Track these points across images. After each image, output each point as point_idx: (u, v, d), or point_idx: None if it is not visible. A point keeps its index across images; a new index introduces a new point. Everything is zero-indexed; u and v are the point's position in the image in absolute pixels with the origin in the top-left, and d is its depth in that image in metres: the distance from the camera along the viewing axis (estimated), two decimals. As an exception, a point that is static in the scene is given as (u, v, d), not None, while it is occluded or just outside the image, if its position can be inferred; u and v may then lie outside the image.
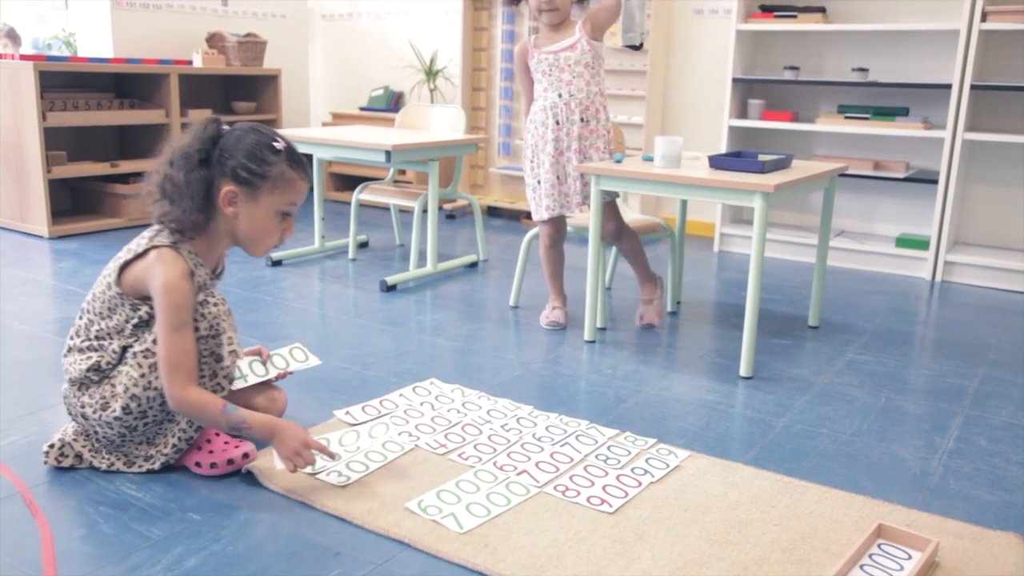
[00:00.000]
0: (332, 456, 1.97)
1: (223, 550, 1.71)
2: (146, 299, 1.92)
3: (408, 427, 2.30)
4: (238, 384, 2.09)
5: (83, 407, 1.96)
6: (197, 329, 1.93)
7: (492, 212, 5.97)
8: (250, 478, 2.00)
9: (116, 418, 1.93)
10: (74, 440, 2.01)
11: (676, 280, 3.57)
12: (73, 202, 5.16)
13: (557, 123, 3.08)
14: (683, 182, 2.80)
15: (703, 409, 2.53)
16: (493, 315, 3.49)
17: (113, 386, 1.94)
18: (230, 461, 2.00)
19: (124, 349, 1.95)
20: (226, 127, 1.96)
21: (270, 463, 2.03)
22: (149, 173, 1.97)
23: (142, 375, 1.92)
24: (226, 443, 2.01)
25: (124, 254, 1.97)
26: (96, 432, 1.99)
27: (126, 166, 5.00)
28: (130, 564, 1.66)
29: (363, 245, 4.66)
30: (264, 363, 2.19)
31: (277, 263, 4.20)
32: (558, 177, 3.12)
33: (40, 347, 2.91)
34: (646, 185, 2.91)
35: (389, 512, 1.85)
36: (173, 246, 1.91)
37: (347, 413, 2.36)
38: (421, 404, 2.46)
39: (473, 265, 4.34)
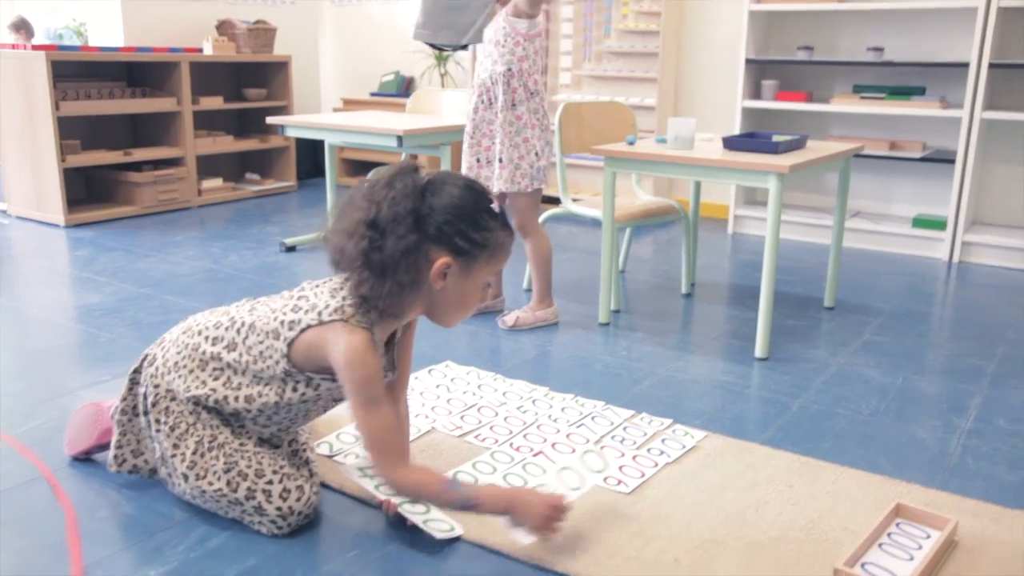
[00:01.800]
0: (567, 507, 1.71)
1: (245, 530, 1.74)
2: (318, 372, 1.69)
3: (424, 409, 2.32)
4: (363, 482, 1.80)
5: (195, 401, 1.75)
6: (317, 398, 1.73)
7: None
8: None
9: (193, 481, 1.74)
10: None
11: (690, 262, 3.57)
12: (88, 191, 5.19)
13: (474, 106, 3.01)
14: (697, 163, 2.79)
15: (719, 390, 2.53)
16: (507, 296, 3.50)
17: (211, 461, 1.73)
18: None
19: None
20: (424, 174, 1.68)
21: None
22: (338, 228, 1.65)
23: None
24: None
25: (302, 310, 1.68)
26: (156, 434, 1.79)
27: (139, 154, 5.03)
28: (153, 544, 1.69)
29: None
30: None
31: (291, 249, 4.22)
32: (477, 160, 3.01)
33: (60, 335, 2.94)
34: (659, 167, 2.90)
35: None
36: (366, 328, 1.64)
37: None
38: (436, 386, 2.48)
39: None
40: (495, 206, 1.70)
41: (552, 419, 2.28)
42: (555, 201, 5.37)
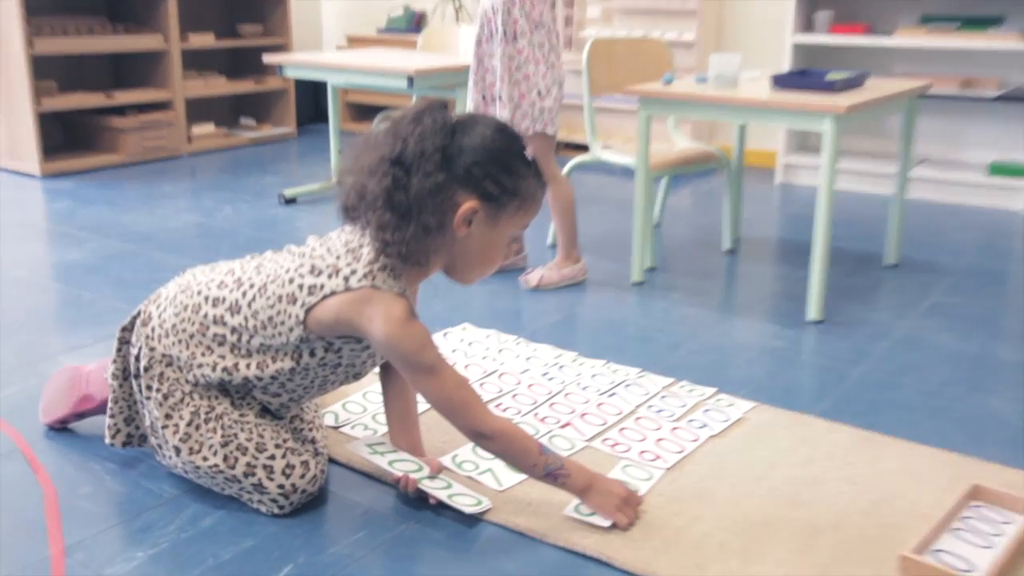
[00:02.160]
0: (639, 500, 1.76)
1: (242, 508, 1.72)
2: (338, 338, 1.67)
3: (440, 377, 2.31)
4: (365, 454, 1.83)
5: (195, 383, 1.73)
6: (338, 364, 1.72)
7: (526, 144, 5.90)
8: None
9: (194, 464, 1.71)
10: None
11: (734, 215, 3.53)
12: (66, 137, 5.19)
13: (477, 38, 2.94)
14: (741, 104, 2.75)
15: (768, 356, 2.50)
16: (530, 254, 3.47)
17: (226, 435, 1.72)
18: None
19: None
20: (453, 113, 1.66)
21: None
22: (357, 167, 1.65)
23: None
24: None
25: (323, 273, 1.64)
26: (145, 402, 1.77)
27: (122, 97, 5.01)
28: (141, 524, 1.68)
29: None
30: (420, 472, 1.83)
31: (291, 201, 4.19)
32: (483, 97, 2.96)
33: (37, 295, 2.94)
34: (699, 109, 2.86)
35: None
36: (399, 293, 1.61)
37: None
38: (453, 351, 2.46)
39: (507, 202, 4.31)
40: (529, 153, 1.68)
41: (581, 387, 2.25)
42: (583, 148, 5.31)
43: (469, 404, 1.64)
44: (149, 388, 1.74)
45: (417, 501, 1.75)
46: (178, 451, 1.71)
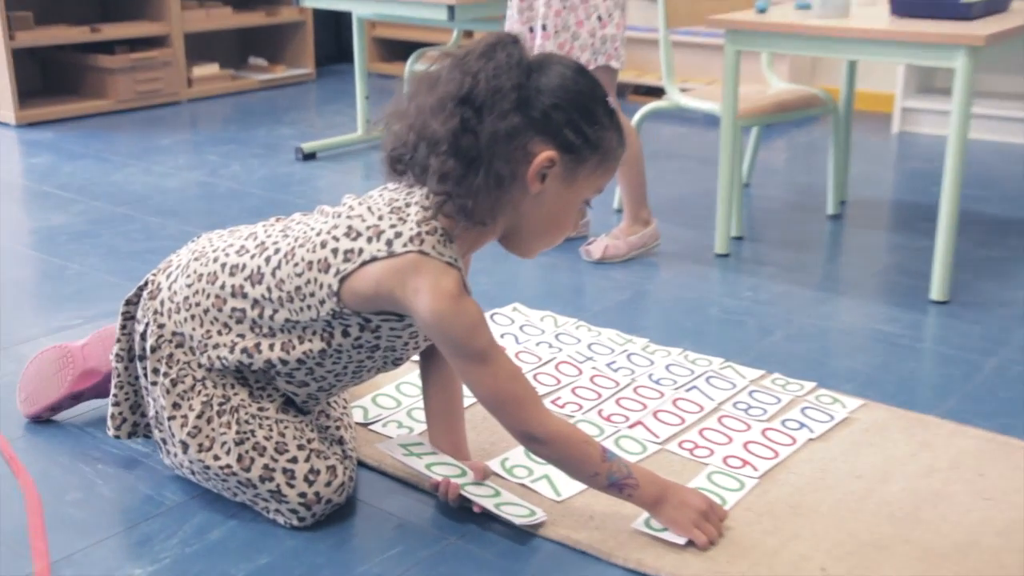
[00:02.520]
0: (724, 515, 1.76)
1: (256, 519, 1.76)
2: (377, 314, 1.68)
3: (486, 366, 2.33)
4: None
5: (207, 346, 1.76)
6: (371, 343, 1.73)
7: (588, 86, 5.89)
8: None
9: (204, 464, 1.74)
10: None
11: (840, 172, 3.50)
12: (45, 79, 5.27)
13: None
14: (852, 36, 2.73)
15: (880, 344, 2.49)
16: (593, 221, 3.47)
17: (241, 425, 1.75)
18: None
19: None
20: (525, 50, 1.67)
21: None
22: (408, 110, 1.66)
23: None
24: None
25: (362, 236, 1.64)
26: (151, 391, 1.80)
27: (110, 31, 5.07)
28: (138, 536, 1.72)
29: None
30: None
31: (310, 156, 4.23)
32: (531, 30, 2.95)
33: (14, 266, 3.01)
34: (800, 42, 2.84)
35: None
36: (451, 263, 1.61)
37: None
38: (502, 336, 2.48)
39: (565, 156, 4.31)
40: (612, 102, 1.69)
41: (654, 380, 2.26)
42: (656, 92, 5.28)
43: (523, 401, 1.65)
44: (156, 372, 1.77)
45: (460, 512, 1.77)
46: (185, 447, 1.74)
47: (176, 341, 1.77)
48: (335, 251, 1.65)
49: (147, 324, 1.80)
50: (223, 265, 1.76)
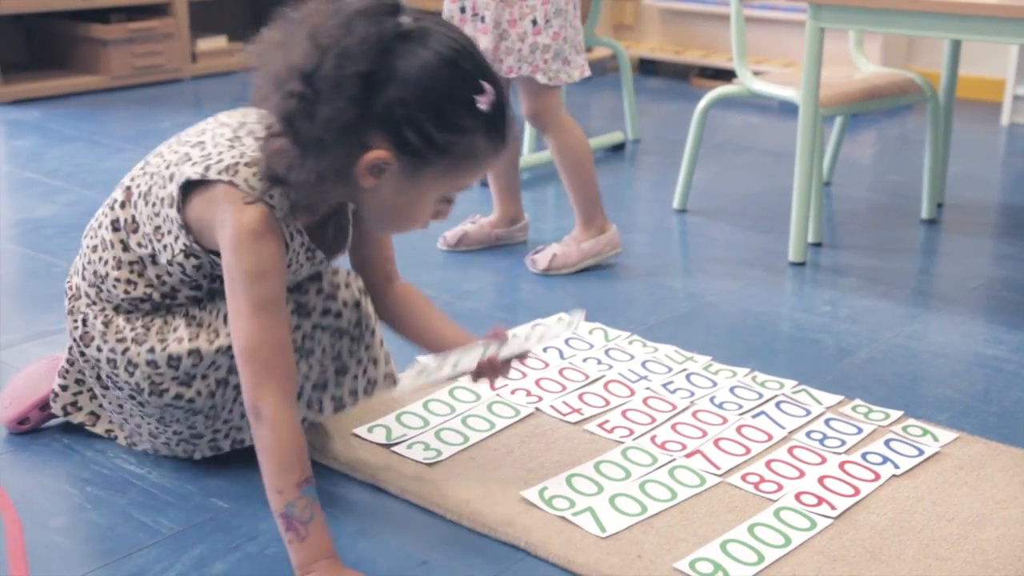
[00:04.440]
0: None
1: (261, 552, 1.79)
2: (217, 253, 1.80)
3: (526, 382, 2.35)
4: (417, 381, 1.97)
5: (106, 326, 1.93)
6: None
7: (647, 68, 5.91)
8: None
9: (150, 362, 1.89)
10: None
11: (937, 170, 3.49)
12: (31, 51, 5.32)
13: None
14: (958, 11, 2.72)
15: (980, 369, 2.49)
16: (648, 222, 3.49)
17: (169, 325, 1.91)
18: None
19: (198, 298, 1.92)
20: (407, 20, 1.69)
21: (312, 431, 2.10)
22: (269, 62, 1.71)
23: (229, 344, 1.84)
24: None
25: (193, 161, 1.78)
26: (111, 378, 1.96)
27: (106, -1, 5.12)
28: (131, 568, 1.75)
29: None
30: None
31: (326, 143, 4.26)
32: (462, 9, 2.92)
33: (-6, 261, 3.06)
34: (895, 18, 2.84)
35: (498, 504, 1.90)
36: (262, 201, 1.72)
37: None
38: (545, 351, 2.50)
39: (619, 148, 4.33)
40: (485, 101, 1.68)
41: (717, 404, 2.27)
42: (725, 75, 5.29)
43: (272, 372, 1.71)
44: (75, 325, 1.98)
45: (489, 547, 1.79)
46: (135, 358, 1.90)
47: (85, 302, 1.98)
48: (172, 179, 1.80)
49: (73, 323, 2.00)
50: (103, 235, 1.94)
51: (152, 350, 1.88)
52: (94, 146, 4.20)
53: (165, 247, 1.83)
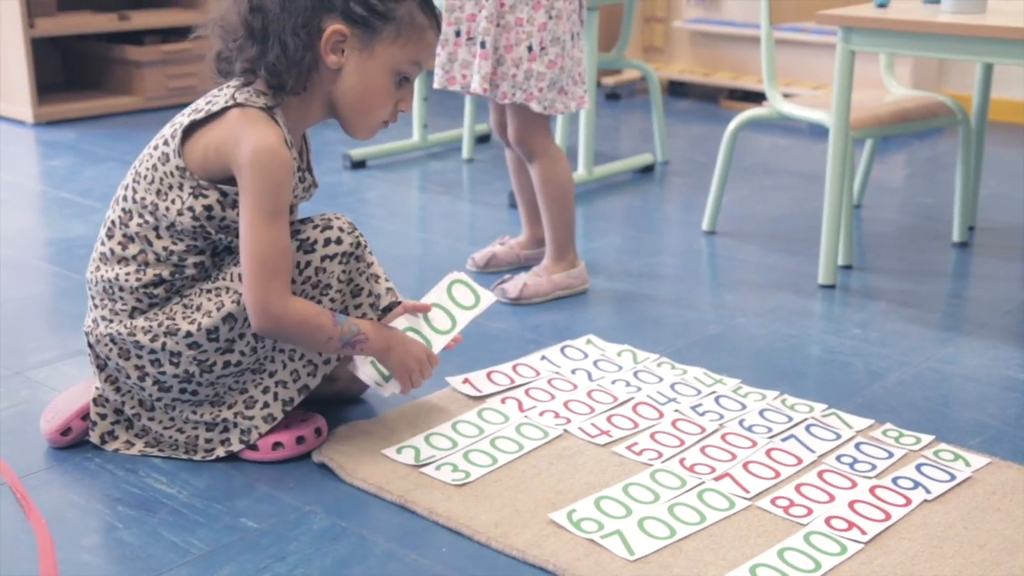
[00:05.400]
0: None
1: (289, 573, 1.80)
2: (225, 182, 2.01)
3: (554, 404, 2.35)
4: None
5: (133, 334, 2.04)
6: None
7: (676, 90, 5.91)
8: (325, 471, 2.09)
9: (191, 344, 2.02)
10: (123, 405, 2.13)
11: (969, 193, 3.47)
12: (67, 72, 5.38)
13: None
14: (990, 35, 2.71)
15: (1012, 393, 2.47)
16: (677, 244, 3.49)
17: (190, 305, 2.05)
18: (299, 439, 2.11)
19: (202, 260, 2.07)
20: None
21: (341, 452, 2.11)
22: (217, 15, 2.07)
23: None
24: (290, 414, 2.12)
25: (188, 115, 2.04)
26: (140, 382, 2.07)
27: (140, 19, 5.17)
28: (161, 586, 1.77)
29: (483, 139, 4.71)
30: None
31: (359, 164, 4.29)
32: (457, 33, 2.89)
33: (30, 280, 3.09)
34: (927, 42, 2.83)
35: (527, 526, 1.90)
36: (266, 109, 2.00)
37: (466, 382, 2.43)
38: (573, 372, 2.50)
39: (647, 169, 4.34)
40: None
41: (746, 427, 2.27)
42: (755, 98, 5.29)
43: (280, 275, 1.98)
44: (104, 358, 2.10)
45: (517, 569, 1.79)
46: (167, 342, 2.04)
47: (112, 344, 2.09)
48: (165, 142, 2.04)
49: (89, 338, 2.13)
50: (100, 242, 2.10)
51: (189, 334, 2.02)
52: (127, 166, 4.13)
53: (172, 201, 2.01)
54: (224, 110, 1.99)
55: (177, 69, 5.23)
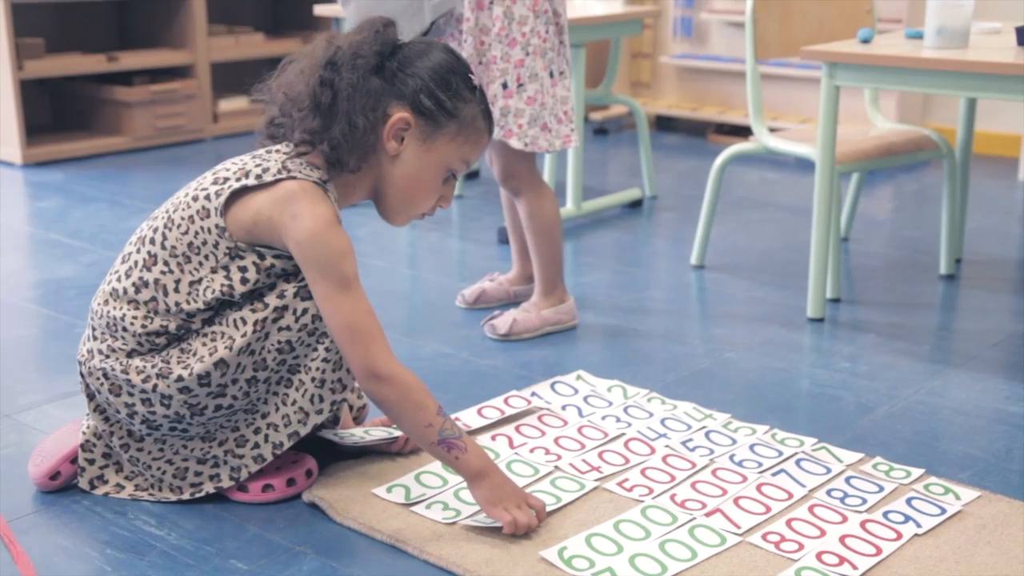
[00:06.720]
0: (540, 513, 2.04)
1: (280, 613, 1.79)
2: (267, 248, 2.01)
3: (544, 440, 2.35)
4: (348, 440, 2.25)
5: (127, 372, 2.03)
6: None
7: (664, 124, 5.94)
8: (316, 511, 2.08)
9: (182, 388, 2.00)
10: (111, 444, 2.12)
11: (955, 225, 3.49)
12: (56, 114, 5.39)
13: None
14: (973, 70, 2.73)
15: (1001, 426, 2.47)
16: (666, 278, 3.50)
17: (187, 350, 2.03)
18: (290, 482, 2.10)
19: (212, 317, 2.05)
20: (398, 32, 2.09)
21: (332, 491, 2.10)
22: (283, 79, 2.04)
23: (247, 342, 2.00)
24: (281, 456, 2.11)
25: (236, 175, 2.01)
26: (130, 419, 2.06)
27: (129, 60, 5.19)
28: (150, 629, 1.76)
29: (473, 175, 4.72)
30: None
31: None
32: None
33: (18, 322, 3.08)
34: (911, 77, 2.85)
35: (518, 564, 1.90)
36: (320, 184, 1.99)
37: (456, 419, 2.42)
38: (564, 407, 2.50)
39: (636, 204, 4.35)
40: (476, 81, 2.10)
41: (736, 462, 2.27)
42: (741, 132, 5.31)
43: (375, 336, 1.97)
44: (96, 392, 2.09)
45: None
46: (154, 387, 2.01)
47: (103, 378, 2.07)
48: (208, 197, 2.01)
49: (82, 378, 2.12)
50: (117, 278, 2.08)
51: (180, 378, 1.99)
52: (116, 207, 4.23)
53: (206, 257, 2.00)
54: (277, 181, 1.98)
55: (166, 109, 5.24)
